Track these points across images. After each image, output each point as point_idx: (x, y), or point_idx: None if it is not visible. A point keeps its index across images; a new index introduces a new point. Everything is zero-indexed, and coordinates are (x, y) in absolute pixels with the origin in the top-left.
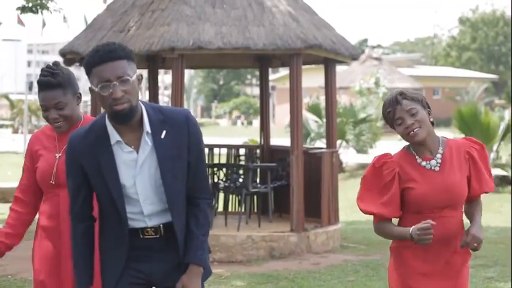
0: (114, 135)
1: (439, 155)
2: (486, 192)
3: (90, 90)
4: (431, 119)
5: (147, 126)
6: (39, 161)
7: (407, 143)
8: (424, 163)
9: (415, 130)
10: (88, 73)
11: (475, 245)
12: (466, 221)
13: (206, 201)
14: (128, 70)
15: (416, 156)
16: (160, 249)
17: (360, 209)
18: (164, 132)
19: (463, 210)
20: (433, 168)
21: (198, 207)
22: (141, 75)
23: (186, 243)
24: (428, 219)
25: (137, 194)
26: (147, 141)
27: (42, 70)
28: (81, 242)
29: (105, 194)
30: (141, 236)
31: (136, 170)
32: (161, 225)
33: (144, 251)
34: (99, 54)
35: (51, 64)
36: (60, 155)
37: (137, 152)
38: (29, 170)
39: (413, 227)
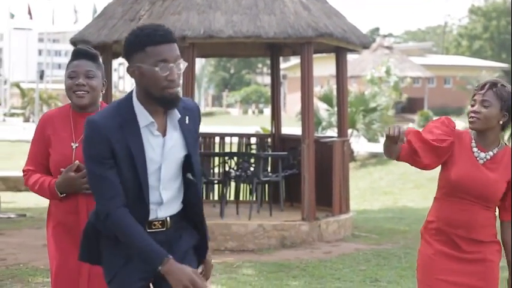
0: (145, 117)
1: (491, 153)
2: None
3: (130, 71)
4: (502, 122)
5: (176, 112)
6: (51, 148)
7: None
8: (475, 149)
9: (474, 118)
10: (136, 51)
11: None
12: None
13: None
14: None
15: (473, 141)
16: (165, 243)
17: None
18: (187, 117)
19: (496, 213)
20: (479, 159)
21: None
22: (186, 63)
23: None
24: (460, 206)
25: (159, 180)
26: (174, 127)
27: (78, 46)
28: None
29: (131, 180)
30: (147, 230)
31: (164, 155)
32: (168, 217)
33: None
34: (159, 34)
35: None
36: (77, 145)
37: (163, 137)
38: (38, 155)
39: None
